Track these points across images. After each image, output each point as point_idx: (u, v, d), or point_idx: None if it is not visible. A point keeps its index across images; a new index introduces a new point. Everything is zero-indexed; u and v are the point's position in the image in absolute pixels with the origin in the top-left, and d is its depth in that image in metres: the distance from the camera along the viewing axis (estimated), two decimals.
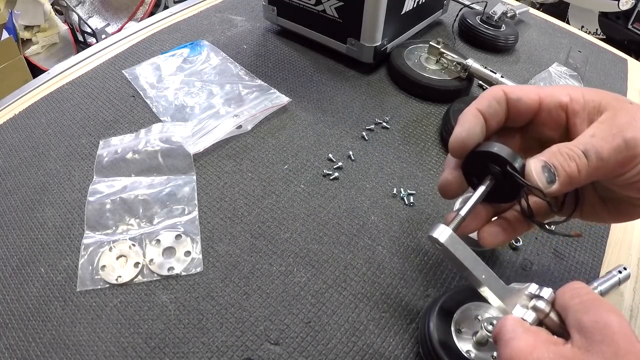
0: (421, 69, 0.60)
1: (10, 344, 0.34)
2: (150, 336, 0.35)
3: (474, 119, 0.30)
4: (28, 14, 1.77)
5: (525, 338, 0.24)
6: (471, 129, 0.30)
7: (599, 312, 0.24)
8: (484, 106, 0.31)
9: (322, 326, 0.36)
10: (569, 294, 0.26)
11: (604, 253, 0.44)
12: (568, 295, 0.26)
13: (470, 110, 0.31)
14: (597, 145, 0.27)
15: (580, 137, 0.28)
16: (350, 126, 0.55)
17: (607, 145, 0.27)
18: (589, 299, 0.25)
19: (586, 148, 0.27)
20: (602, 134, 0.28)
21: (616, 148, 0.27)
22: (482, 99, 0.31)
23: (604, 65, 0.75)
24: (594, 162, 0.27)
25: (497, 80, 0.56)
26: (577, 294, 0.25)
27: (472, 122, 0.30)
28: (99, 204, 0.43)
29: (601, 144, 0.27)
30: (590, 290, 0.26)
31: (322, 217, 0.44)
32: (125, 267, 0.39)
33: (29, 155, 0.49)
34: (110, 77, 0.60)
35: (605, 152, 0.27)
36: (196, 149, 0.48)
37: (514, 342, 0.24)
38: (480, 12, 0.74)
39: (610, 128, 0.28)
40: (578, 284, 0.27)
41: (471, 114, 0.30)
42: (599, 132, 0.28)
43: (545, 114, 0.31)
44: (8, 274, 0.39)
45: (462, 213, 0.30)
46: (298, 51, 0.67)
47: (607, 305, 0.24)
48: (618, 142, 0.27)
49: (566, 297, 0.26)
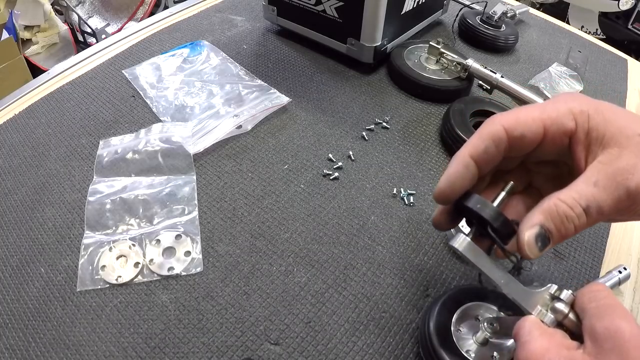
0: (421, 69, 0.60)
1: (10, 344, 0.34)
2: (150, 336, 0.35)
3: (462, 169, 0.28)
4: (28, 14, 1.77)
5: (539, 341, 0.25)
6: (455, 182, 0.29)
7: (611, 318, 0.23)
8: (478, 152, 0.28)
9: (322, 326, 0.36)
10: (587, 297, 0.26)
11: (604, 253, 0.44)
12: (586, 297, 0.26)
13: (460, 157, 0.29)
14: (599, 199, 0.26)
15: (582, 185, 0.26)
16: (350, 126, 0.55)
17: (609, 197, 0.26)
18: (604, 304, 0.24)
19: (588, 204, 0.26)
20: (604, 182, 0.26)
21: (617, 199, 0.26)
22: (478, 140, 0.29)
23: (604, 65, 0.75)
24: (593, 218, 0.26)
25: (497, 80, 0.56)
26: (595, 298, 0.25)
27: (458, 174, 0.28)
28: (99, 204, 0.43)
29: (603, 197, 0.26)
30: (608, 293, 0.25)
31: (322, 217, 0.44)
32: (125, 267, 0.39)
33: (29, 155, 0.49)
34: (110, 77, 0.60)
35: (606, 207, 0.26)
36: (196, 149, 0.48)
37: (529, 344, 0.25)
38: (480, 12, 0.74)
39: (614, 174, 0.26)
40: (598, 285, 0.26)
41: (460, 163, 0.29)
42: (602, 180, 0.26)
43: (548, 143, 0.29)
44: (8, 274, 0.39)
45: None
46: (298, 51, 0.67)
47: (621, 311, 0.24)
48: (620, 194, 0.25)
49: (584, 300, 0.26)
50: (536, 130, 0.28)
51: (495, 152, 0.28)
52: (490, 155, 0.28)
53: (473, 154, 0.29)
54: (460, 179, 0.29)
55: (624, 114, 0.28)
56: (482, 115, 0.55)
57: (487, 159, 0.29)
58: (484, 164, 0.29)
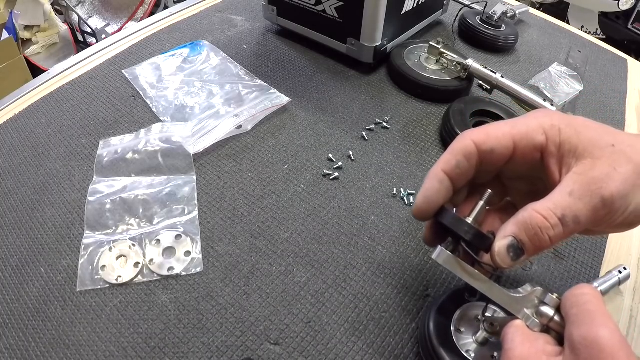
0: (421, 69, 0.60)
1: (10, 344, 0.34)
2: (150, 336, 0.35)
3: (436, 184, 0.30)
4: (28, 14, 1.77)
5: (520, 348, 0.25)
6: (431, 197, 0.30)
7: (589, 327, 0.23)
8: (450, 167, 0.30)
9: (322, 326, 0.36)
10: (569, 301, 0.26)
11: (604, 253, 0.44)
12: (569, 302, 0.26)
13: (434, 173, 0.30)
14: (575, 209, 0.26)
15: (557, 195, 0.27)
16: (350, 126, 0.55)
17: (585, 207, 0.26)
18: (584, 310, 0.24)
19: (564, 214, 0.26)
20: (579, 192, 0.26)
21: (593, 208, 0.26)
22: (450, 155, 0.30)
23: (604, 65, 0.75)
24: (570, 228, 0.26)
25: (497, 80, 0.56)
26: (576, 303, 0.25)
27: (433, 189, 0.30)
28: (99, 204, 0.43)
29: (579, 207, 0.26)
30: (591, 297, 0.25)
31: (322, 217, 0.44)
32: (125, 267, 0.39)
33: (29, 155, 0.49)
34: (110, 77, 0.60)
35: (583, 217, 0.26)
36: (196, 149, 0.48)
37: (511, 352, 0.25)
38: (480, 12, 0.74)
39: (588, 184, 0.26)
40: (582, 288, 0.26)
41: (434, 179, 0.30)
42: (577, 190, 0.26)
43: (519, 157, 0.29)
44: (8, 274, 0.39)
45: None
46: (298, 51, 0.67)
47: (601, 318, 0.23)
48: (595, 203, 0.26)
49: (567, 305, 0.26)
50: (506, 145, 0.29)
51: (467, 167, 0.30)
52: (463, 169, 0.30)
53: (446, 169, 0.30)
54: (436, 194, 0.30)
55: (596, 127, 0.28)
56: (482, 115, 0.55)
57: (459, 174, 0.30)
58: (457, 178, 0.30)
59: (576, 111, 0.62)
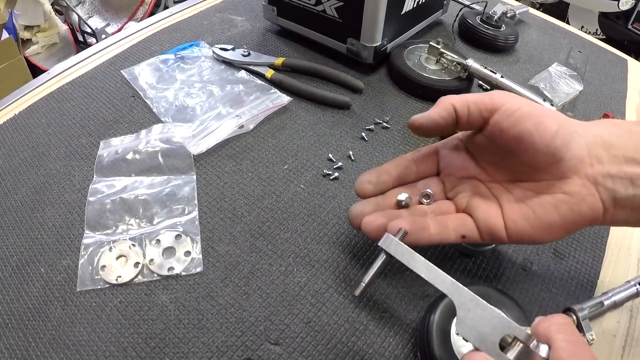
0: (421, 69, 0.60)
1: (10, 344, 0.34)
2: (150, 336, 0.35)
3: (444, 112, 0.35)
4: (28, 14, 1.77)
5: None
6: (436, 120, 0.35)
7: (582, 358, 0.23)
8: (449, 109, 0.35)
9: (322, 326, 0.36)
10: (555, 327, 0.25)
11: (604, 253, 0.44)
12: (554, 327, 0.25)
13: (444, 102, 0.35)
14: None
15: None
16: (350, 126, 0.55)
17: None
18: (575, 341, 0.24)
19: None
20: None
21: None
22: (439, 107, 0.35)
23: (604, 65, 0.75)
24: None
25: (497, 80, 0.56)
26: (563, 330, 0.25)
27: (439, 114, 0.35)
28: (99, 204, 0.43)
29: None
30: (575, 330, 0.25)
31: (322, 217, 0.44)
32: (125, 267, 0.39)
33: (29, 155, 0.49)
34: (110, 77, 0.60)
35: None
36: (199, 149, 0.48)
37: None
38: (480, 12, 0.74)
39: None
40: (562, 318, 0.26)
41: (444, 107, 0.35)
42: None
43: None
44: (8, 274, 0.39)
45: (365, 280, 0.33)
46: (298, 51, 0.67)
47: (591, 353, 0.24)
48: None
49: (552, 329, 0.25)
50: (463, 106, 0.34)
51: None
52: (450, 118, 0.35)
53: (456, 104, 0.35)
54: (440, 119, 0.35)
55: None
56: None
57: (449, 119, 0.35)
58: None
59: (576, 111, 0.62)
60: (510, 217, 0.33)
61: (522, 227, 0.32)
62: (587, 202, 0.31)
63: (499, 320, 0.27)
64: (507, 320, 0.27)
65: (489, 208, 0.34)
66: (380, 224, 0.34)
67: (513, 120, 0.31)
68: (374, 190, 0.37)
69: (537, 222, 0.32)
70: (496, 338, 0.26)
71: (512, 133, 0.31)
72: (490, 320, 0.27)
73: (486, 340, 0.27)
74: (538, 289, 0.40)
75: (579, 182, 0.31)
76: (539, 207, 0.32)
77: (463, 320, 0.28)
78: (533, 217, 0.32)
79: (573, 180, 0.31)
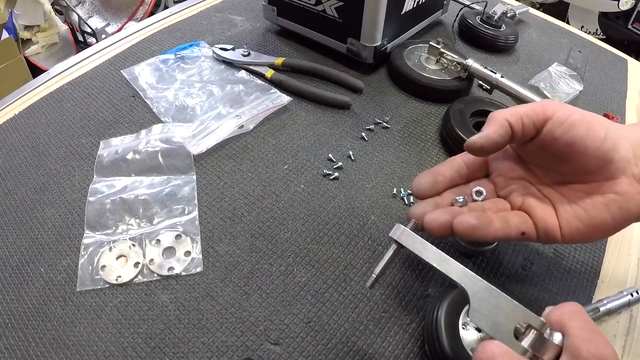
0: (421, 69, 0.60)
1: (10, 344, 0.34)
2: (150, 336, 0.35)
3: (501, 130, 0.33)
4: (28, 14, 1.77)
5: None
6: (496, 139, 0.34)
7: (597, 344, 0.24)
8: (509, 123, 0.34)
9: (322, 326, 0.36)
10: (567, 315, 0.26)
11: (604, 253, 0.44)
12: (566, 315, 0.26)
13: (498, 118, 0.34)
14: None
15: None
16: (350, 126, 0.55)
17: None
18: (589, 327, 0.25)
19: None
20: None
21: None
22: (496, 123, 0.34)
23: (604, 65, 0.75)
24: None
25: (497, 80, 0.56)
26: (576, 317, 0.26)
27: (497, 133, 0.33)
28: (99, 204, 0.43)
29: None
30: (588, 317, 0.26)
31: (322, 217, 0.44)
32: (125, 267, 0.39)
33: (29, 155, 0.49)
34: (110, 77, 0.60)
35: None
36: (199, 149, 0.48)
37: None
38: (480, 12, 0.74)
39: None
40: (575, 305, 0.27)
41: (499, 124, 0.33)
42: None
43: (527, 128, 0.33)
44: (8, 274, 0.39)
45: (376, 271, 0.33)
46: (298, 51, 0.67)
47: (605, 338, 0.24)
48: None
49: (564, 317, 0.26)
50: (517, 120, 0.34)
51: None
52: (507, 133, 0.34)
53: (510, 120, 0.34)
54: (499, 138, 0.34)
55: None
56: (482, 115, 0.55)
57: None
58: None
59: None
60: (564, 217, 0.34)
61: (576, 227, 0.33)
62: (635, 200, 0.32)
63: (513, 308, 0.27)
64: (522, 307, 0.27)
65: (544, 208, 0.35)
66: (444, 221, 0.34)
67: (565, 128, 0.32)
68: (432, 191, 0.37)
69: (590, 222, 0.33)
70: (510, 326, 0.26)
71: (565, 140, 0.32)
72: (504, 309, 0.27)
73: (500, 328, 0.26)
74: (538, 289, 0.40)
75: (627, 182, 0.32)
76: (591, 207, 0.33)
77: (477, 309, 0.27)
78: (586, 217, 0.33)
79: (621, 180, 0.32)
